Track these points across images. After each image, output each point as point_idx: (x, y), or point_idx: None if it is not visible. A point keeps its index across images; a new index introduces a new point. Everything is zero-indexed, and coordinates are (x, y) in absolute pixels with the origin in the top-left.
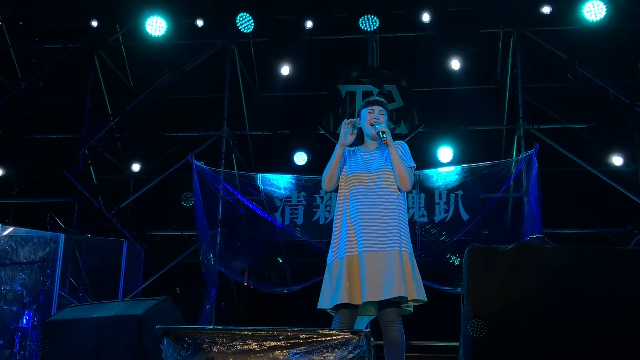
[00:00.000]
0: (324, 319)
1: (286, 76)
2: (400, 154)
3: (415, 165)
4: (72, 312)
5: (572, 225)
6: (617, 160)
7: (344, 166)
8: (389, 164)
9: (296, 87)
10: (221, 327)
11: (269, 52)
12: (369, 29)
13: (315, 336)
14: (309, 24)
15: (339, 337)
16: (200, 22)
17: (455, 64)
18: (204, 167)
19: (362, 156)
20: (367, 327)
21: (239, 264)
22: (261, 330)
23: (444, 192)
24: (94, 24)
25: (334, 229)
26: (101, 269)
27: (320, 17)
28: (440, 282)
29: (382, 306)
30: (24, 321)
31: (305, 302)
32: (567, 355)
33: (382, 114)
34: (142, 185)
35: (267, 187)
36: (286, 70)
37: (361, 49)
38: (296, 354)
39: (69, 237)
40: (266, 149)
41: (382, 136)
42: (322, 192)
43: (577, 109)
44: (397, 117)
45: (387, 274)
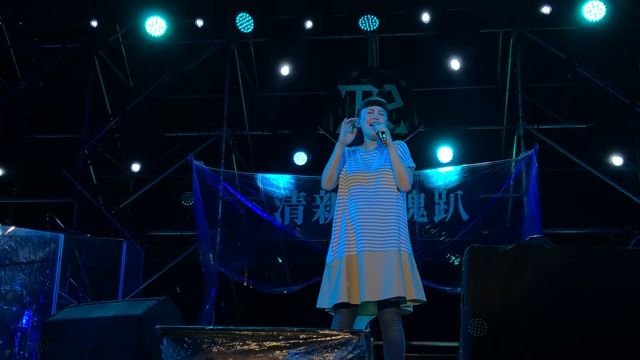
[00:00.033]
0: (323, 319)
1: (286, 76)
2: (399, 154)
3: (414, 165)
4: (71, 312)
5: (571, 225)
6: (617, 160)
7: (343, 166)
8: (389, 164)
9: (296, 87)
10: (221, 327)
11: (268, 52)
12: (369, 29)
13: (315, 336)
14: (309, 24)
15: (339, 337)
16: (200, 22)
17: (455, 64)
18: (204, 167)
19: (361, 156)
20: (366, 327)
21: (238, 264)
22: (261, 330)
23: (444, 192)
24: (94, 24)
25: (334, 228)
26: (101, 269)
27: (320, 17)
28: (440, 282)
29: (382, 306)
30: (24, 321)
31: (305, 302)
32: (567, 355)
33: (381, 114)
34: (142, 185)
35: (267, 187)
36: (286, 70)
37: (361, 49)
38: (296, 354)
39: (68, 237)
40: (266, 149)
41: (382, 136)
42: (322, 192)
43: (577, 109)
44: (396, 117)
45: (385, 274)
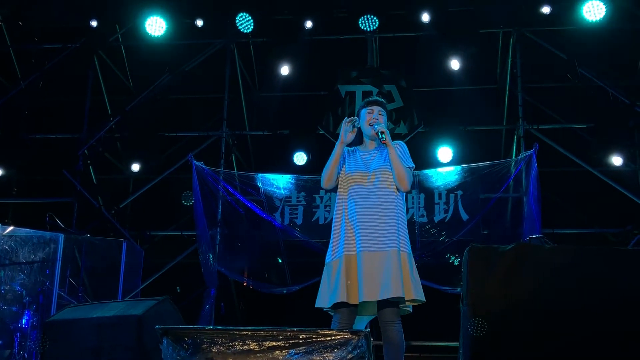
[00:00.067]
0: (323, 319)
1: (286, 76)
2: (399, 154)
3: (414, 165)
4: (71, 312)
5: (571, 225)
6: (616, 160)
7: (343, 165)
8: (388, 164)
9: (296, 87)
10: (221, 327)
11: (268, 52)
12: (369, 29)
13: (314, 336)
14: (309, 24)
15: (339, 337)
16: (200, 22)
17: (454, 64)
18: (204, 167)
19: (361, 156)
20: (366, 327)
21: (238, 264)
22: (261, 330)
23: (444, 192)
24: (94, 24)
25: (333, 228)
26: (101, 269)
27: (320, 17)
28: (439, 282)
29: (381, 306)
30: (24, 321)
31: (304, 302)
32: (567, 355)
33: (381, 114)
34: (141, 185)
35: (267, 187)
36: (286, 70)
37: (361, 49)
38: (296, 354)
39: (68, 237)
40: (266, 149)
41: (381, 136)
42: (322, 192)
43: (576, 109)
44: (396, 117)
45: (384, 274)
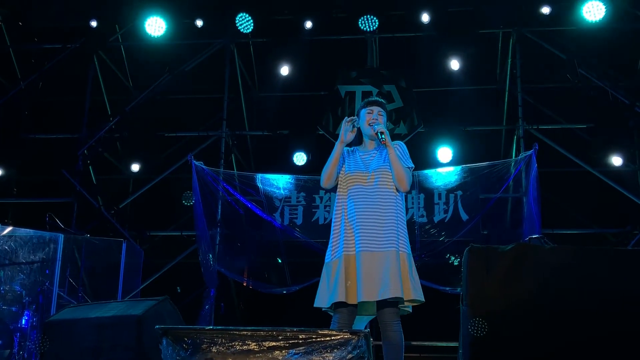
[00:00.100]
0: (323, 319)
1: (285, 76)
2: (398, 155)
3: (413, 165)
4: (71, 312)
5: (571, 225)
6: (616, 160)
7: (342, 165)
8: (388, 164)
9: (295, 87)
10: (220, 327)
11: (268, 52)
12: (369, 29)
13: (314, 336)
14: (309, 24)
15: (338, 337)
16: (199, 22)
17: (454, 64)
18: (203, 167)
19: (360, 156)
20: (366, 328)
21: (238, 264)
22: (260, 330)
23: (444, 193)
24: (94, 24)
25: (333, 228)
26: (100, 269)
27: (319, 18)
28: (439, 283)
29: (380, 306)
30: (23, 321)
31: (304, 303)
32: (566, 355)
33: (381, 115)
34: (141, 185)
35: (267, 187)
36: (285, 70)
37: (360, 49)
38: (295, 354)
39: (68, 237)
40: (265, 149)
41: (381, 137)
42: (322, 192)
43: (576, 109)
44: (396, 117)
45: (383, 274)
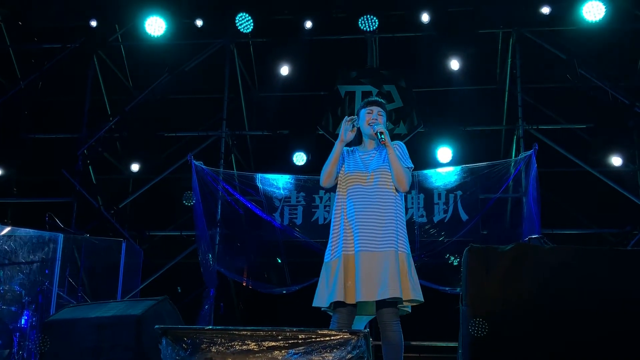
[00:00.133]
0: (322, 319)
1: (285, 76)
2: (398, 155)
3: (413, 165)
4: (70, 312)
5: (571, 225)
6: (616, 160)
7: (342, 165)
8: (387, 164)
9: (295, 87)
10: (220, 327)
11: (268, 52)
12: (368, 29)
13: (314, 336)
14: (308, 24)
15: (338, 337)
16: (199, 22)
17: (454, 64)
18: (203, 167)
19: (360, 156)
20: (365, 328)
21: (237, 264)
22: (260, 330)
23: (443, 193)
24: (93, 23)
25: (332, 228)
26: (100, 269)
27: (319, 17)
28: (439, 283)
29: (380, 306)
30: (23, 321)
31: (304, 303)
32: (566, 355)
33: (380, 115)
34: (141, 185)
35: (266, 187)
36: (285, 70)
37: (360, 49)
38: (295, 354)
39: (67, 237)
40: (265, 149)
41: (380, 137)
42: (322, 192)
43: (576, 109)
44: (396, 117)
45: (382, 274)
